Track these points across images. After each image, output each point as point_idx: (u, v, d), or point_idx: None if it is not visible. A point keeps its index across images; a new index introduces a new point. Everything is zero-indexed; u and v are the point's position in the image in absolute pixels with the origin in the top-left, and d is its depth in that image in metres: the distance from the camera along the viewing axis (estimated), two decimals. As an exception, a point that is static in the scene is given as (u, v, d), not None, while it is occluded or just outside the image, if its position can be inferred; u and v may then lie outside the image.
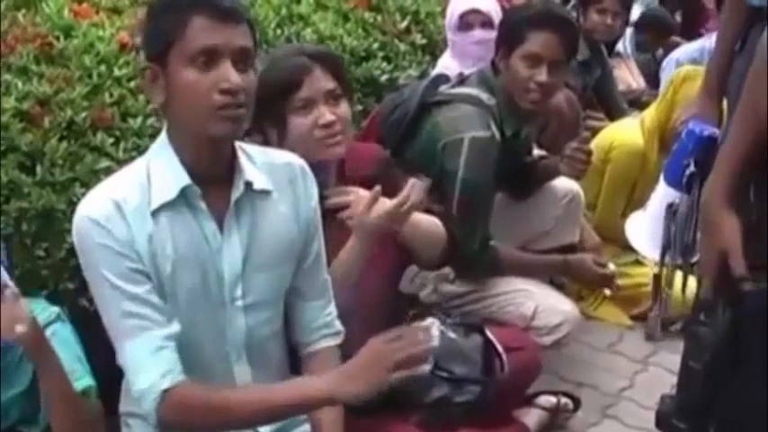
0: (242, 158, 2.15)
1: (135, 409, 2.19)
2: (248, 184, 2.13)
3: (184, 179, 2.07)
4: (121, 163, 2.74)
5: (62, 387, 2.24)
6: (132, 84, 3.03)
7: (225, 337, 2.18)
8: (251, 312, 2.18)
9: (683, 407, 2.33)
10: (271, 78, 2.53)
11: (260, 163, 2.19)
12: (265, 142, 2.57)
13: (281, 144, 2.57)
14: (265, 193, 2.17)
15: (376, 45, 3.97)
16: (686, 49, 5.61)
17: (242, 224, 2.14)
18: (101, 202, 2.06)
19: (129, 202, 2.05)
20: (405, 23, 4.24)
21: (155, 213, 2.05)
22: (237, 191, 2.12)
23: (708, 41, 5.28)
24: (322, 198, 2.41)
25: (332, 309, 2.37)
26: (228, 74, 2.00)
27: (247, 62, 2.04)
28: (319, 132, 2.59)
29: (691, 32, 6.85)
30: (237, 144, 2.15)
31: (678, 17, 7.37)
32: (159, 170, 2.09)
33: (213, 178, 2.10)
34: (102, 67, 3.03)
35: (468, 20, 4.07)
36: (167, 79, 2.03)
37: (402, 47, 4.14)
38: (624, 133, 4.32)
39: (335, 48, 3.74)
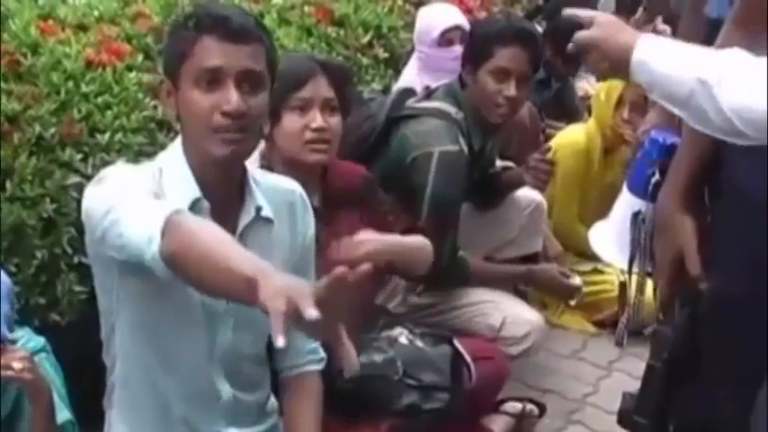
0: (251, 182, 2.16)
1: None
2: (257, 210, 2.14)
3: (195, 192, 2.07)
4: (90, 178, 2.74)
5: (49, 425, 2.27)
6: (100, 100, 3.05)
7: (211, 354, 2.17)
8: (237, 332, 2.18)
9: (643, 403, 2.40)
10: (278, 73, 2.58)
11: (264, 187, 2.20)
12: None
13: (270, 136, 2.65)
14: (268, 220, 2.18)
15: (339, 59, 4.00)
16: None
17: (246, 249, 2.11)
18: (116, 172, 2.04)
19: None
20: (367, 38, 4.30)
21: None
22: (248, 216, 2.14)
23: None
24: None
25: None
26: (230, 96, 2.01)
27: (255, 84, 2.05)
28: (309, 135, 2.65)
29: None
30: (248, 166, 2.16)
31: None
32: (171, 178, 2.08)
33: (222, 196, 2.10)
34: (70, 84, 3.04)
35: (450, 36, 4.12)
36: (178, 96, 2.06)
37: (365, 61, 4.20)
38: (566, 135, 4.53)
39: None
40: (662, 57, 1.82)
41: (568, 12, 2.02)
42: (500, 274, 3.57)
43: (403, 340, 2.89)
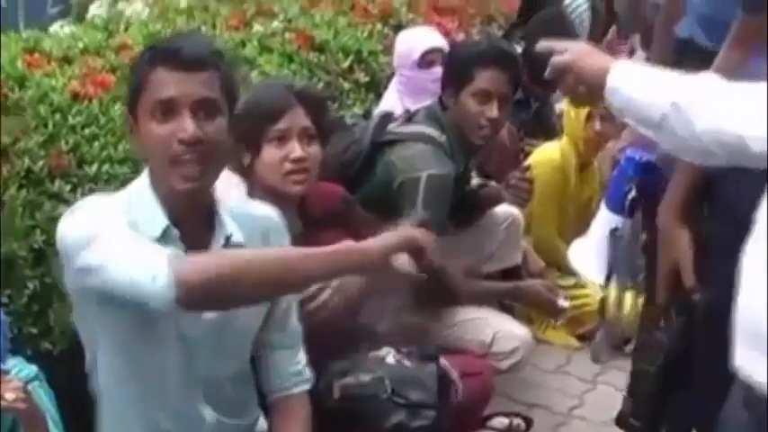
0: (221, 209, 2.19)
1: None
2: (227, 239, 2.17)
3: (164, 221, 2.10)
4: (79, 209, 2.81)
5: None
6: (87, 131, 3.10)
7: (190, 379, 2.21)
8: (214, 356, 2.22)
9: (638, 407, 2.48)
10: (254, 105, 2.65)
11: (236, 213, 2.23)
12: (238, 163, 2.67)
13: (251, 168, 2.69)
14: (239, 246, 2.18)
15: (321, 85, 4.07)
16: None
17: None
18: (90, 205, 2.08)
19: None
20: (348, 63, 4.36)
21: None
22: (217, 244, 2.16)
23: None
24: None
25: (302, 356, 2.42)
26: (185, 124, 2.04)
27: (211, 111, 2.08)
28: (288, 166, 2.71)
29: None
30: (217, 192, 2.19)
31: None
32: (141, 208, 2.11)
33: (191, 224, 2.13)
34: (57, 116, 3.10)
35: (431, 58, 4.19)
36: (138, 129, 2.11)
37: (346, 86, 4.27)
38: (542, 152, 4.63)
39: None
40: (635, 82, 1.89)
41: (543, 44, 2.09)
42: (487, 291, 3.64)
43: (390, 360, 2.94)
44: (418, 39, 4.30)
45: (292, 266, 1.97)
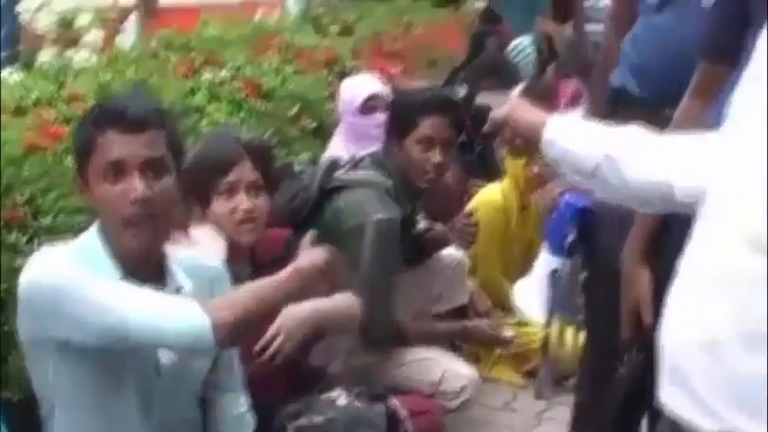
0: (171, 262, 2.27)
1: None
2: (178, 290, 2.25)
3: (116, 274, 2.17)
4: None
5: None
6: (41, 183, 3.17)
7: (148, 421, 2.26)
8: (171, 395, 2.29)
9: None
10: (203, 158, 2.75)
11: (185, 265, 2.31)
12: (188, 214, 2.76)
13: (201, 219, 2.77)
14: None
15: (269, 132, 4.15)
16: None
17: None
18: (58, 255, 2.17)
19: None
20: (295, 110, 4.46)
21: None
22: None
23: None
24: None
25: (245, 400, 2.49)
26: (135, 185, 2.13)
27: (159, 170, 2.17)
28: (238, 217, 2.81)
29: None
30: (200, 246, 2.33)
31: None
32: (93, 262, 2.16)
33: (143, 278, 2.19)
34: (11, 169, 3.16)
35: (372, 104, 4.29)
36: (89, 190, 2.19)
37: (293, 132, 4.36)
38: (484, 194, 4.76)
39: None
40: (569, 135, 1.99)
41: (482, 104, 2.21)
42: (435, 331, 3.75)
43: (342, 401, 3.02)
44: (360, 86, 4.42)
45: (274, 294, 2.19)
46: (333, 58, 5.20)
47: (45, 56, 7.40)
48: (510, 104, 2.12)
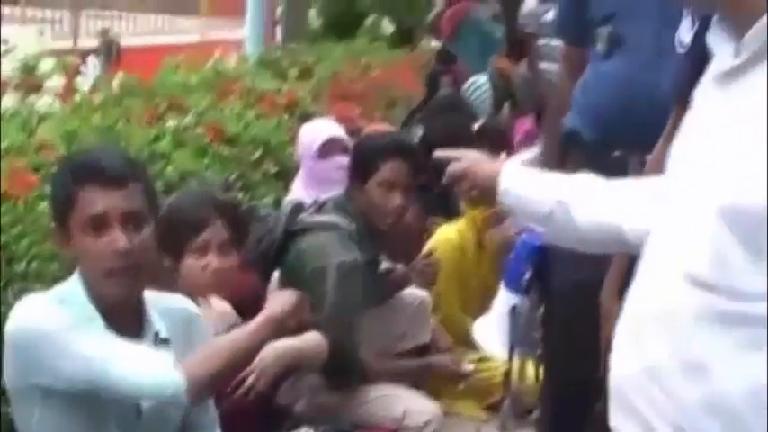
0: (149, 307, 2.38)
1: None
2: (156, 335, 2.36)
3: (99, 321, 2.28)
4: (12, 306, 2.95)
5: None
6: (15, 230, 3.24)
7: None
8: None
9: None
10: (176, 217, 2.86)
11: (159, 309, 2.42)
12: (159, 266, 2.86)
13: (173, 274, 2.86)
14: (166, 341, 2.38)
15: (233, 176, 4.27)
16: (518, 160, 6.02)
17: None
18: (43, 303, 2.29)
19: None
20: (258, 154, 4.57)
21: None
22: (147, 340, 2.34)
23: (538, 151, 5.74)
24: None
25: None
26: (117, 238, 2.24)
27: (138, 222, 2.27)
28: (208, 275, 2.92)
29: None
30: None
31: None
32: (75, 309, 2.27)
33: (123, 323, 2.31)
34: (-16, 217, 3.25)
35: (330, 147, 4.38)
36: (69, 243, 2.29)
37: (256, 176, 4.46)
38: (441, 233, 4.85)
39: (196, 181, 4.02)
40: (524, 183, 2.13)
41: (438, 153, 2.33)
42: (401, 368, 3.86)
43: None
44: (317, 130, 4.51)
45: (248, 344, 2.35)
46: (293, 102, 5.33)
47: (8, 101, 7.50)
48: (466, 158, 2.24)
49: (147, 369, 2.22)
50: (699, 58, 2.50)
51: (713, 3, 1.65)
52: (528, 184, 2.12)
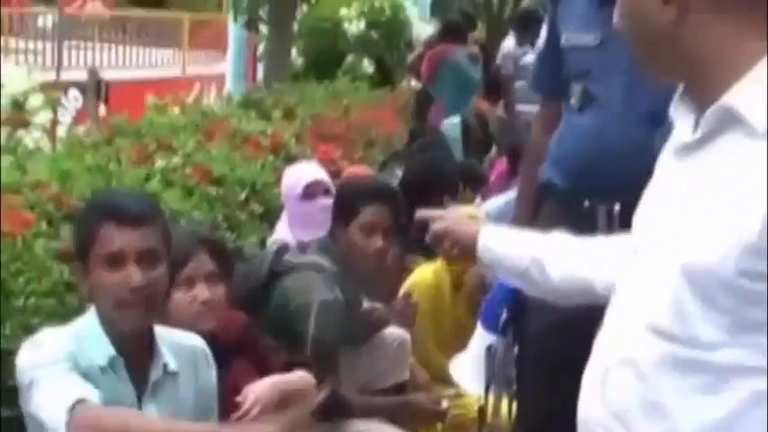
0: (159, 341, 2.54)
1: None
2: (165, 367, 2.52)
3: (111, 351, 2.44)
4: (10, 339, 3.10)
5: None
6: (12, 267, 3.38)
7: None
8: None
9: None
10: None
11: (168, 343, 2.58)
12: None
13: (162, 309, 3.00)
14: (175, 374, 2.56)
15: (220, 217, 4.42)
16: (494, 202, 6.19)
17: (158, 400, 2.51)
18: (52, 337, 2.45)
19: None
20: (244, 195, 4.71)
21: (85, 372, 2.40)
22: (157, 372, 2.51)
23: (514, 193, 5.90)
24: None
25: None
26: (132, 274, 2.40)
27: (153, 260, 2.44)
28: (197, 307, 3.02)
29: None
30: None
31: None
32: (90, 340, 2.45)
33: (134, 354, 2.48)
34: (-17, 254, 3.38)
35: (313, 189, 4.49)
36: (88, 275, 2.46)
37: (242, 216, 4.59)
38: (417, 274, 4.97)
39: (184, 221, 4.15)
40: (501, 241, 2.31)
41: (420, 213, 2.50)
42: (380, 405, 4.00)
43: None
44: (301, 172, 4.63)
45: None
46: (278, 143, 5.49)
47: (-3, 137, 7.64)
48: (446, 218, 2.41)
49: (48, 405, 2.31)
50: None
51: (677, 80, 1.83)
52: (505, 243, 2.31)
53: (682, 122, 1.80)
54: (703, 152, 1.73)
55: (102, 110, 11.68)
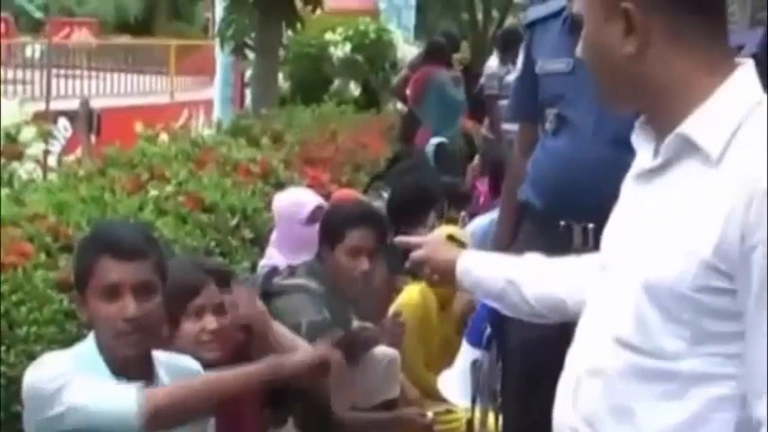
0: (156, 365, 2.68)
1: None
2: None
3: (110, 376, 2.58)
4: (13, 366, 3.24)
5: None
6: (14, 297, 3.51)
7: None
8: None
9: None
10: (172, 285, 3.10)
11: (165, 365, 2.72)
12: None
13: (171, 338, 3.13)
14: None
15: (213, 243, 4.55)
16: (479, 222, 6.32)
17: None
18: (47, 360, 2.61)
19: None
20: (235, 221, 4.83)
21: None
22: None
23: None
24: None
25: None
26: (128, 305, 2.55)
27: (149, 291, 2.58)
28: (206, 337, 3.14)
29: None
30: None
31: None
32: (88, 365, 2.57)
33: (133, 379, 2.60)
34: (-14, 285, 3.51)
35: (317, 214, 4.53)
36: (87, 306, 2.60)
37: (234, 242, 4.72)
38: (405, 295, 5.06)
39: (178, 249, 4.29)
40: (479, 265, 2.44)
41: (400, 240, 2.64)
42: (370, 421, 4.14)
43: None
44: (304, 197, 4.72)
45: (238, 383, 2.66)
46: (268, 170, 5.62)
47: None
48: (426, 244, 2.54)
49: (100, 398, 2.48)
50: None
51: (636, 109, 1.97)
52: (482, 267, 2.43)
53: (642, 149, 1.94)
54: (663, 177, 1.87)
55: (93, 139, 11.83)
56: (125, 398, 2.48)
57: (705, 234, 1.73)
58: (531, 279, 2.35)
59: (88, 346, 2.65)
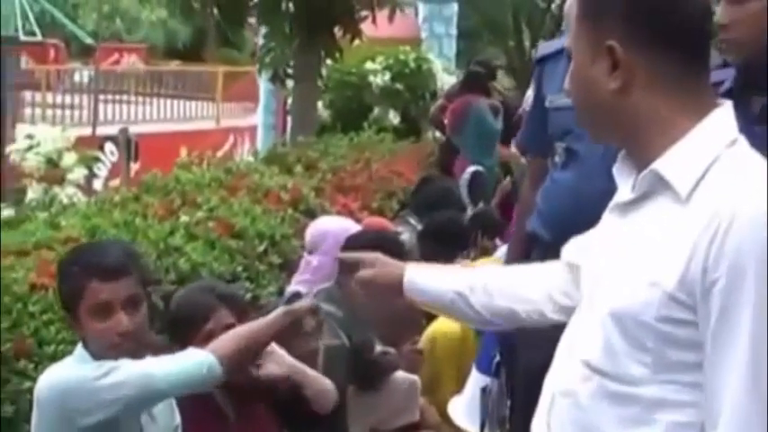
0: None
1: None
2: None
3: None
4: (41, 383, 3.39)
5: None
6: (44, 317, 3.68)
7: None
8: None
9: None
10: (184, 309, 3.26)
11: None
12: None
13: None
14: (154, 417, 2.88)
15: (240, 268, 4.69)
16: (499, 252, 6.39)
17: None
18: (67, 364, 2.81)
19: None
20: (263, 247, 4.97)
21: None
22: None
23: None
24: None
25: None
26: (120, 320, 2.72)
27: (136, 304, 2.76)
28: None
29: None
30: None
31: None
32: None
33: None
34: (19, 305, 3.69)
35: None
36: (79, 325, 2.78)
37: (261, 268, 4.85)
38: (441, 325, 4.99)
39: (205, 273, 4.44)
40: (425, 277, 2.48)
41: (343, 255, 2.74)
42: None
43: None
44: (344, 225, 4.78)
45: (266, 329, 2.92)
46: (298, 197, 5.76)
47: (33, 192, 7.99)
48: (373, 263, 2.57)
49: (181, 360, 2.75)
50: None
51: (616, 143, 2.09)
52: (429, 279, 2.48)
53: (623, 182, 2.05)
54: (637, 211, 1.98)
55: (136, 165, 12.04)
56: (193, 355, 2.77)
57: (670, 267, 1.84)
58: (480, 291, 2.39)
59: (81, 355, 2.80)
